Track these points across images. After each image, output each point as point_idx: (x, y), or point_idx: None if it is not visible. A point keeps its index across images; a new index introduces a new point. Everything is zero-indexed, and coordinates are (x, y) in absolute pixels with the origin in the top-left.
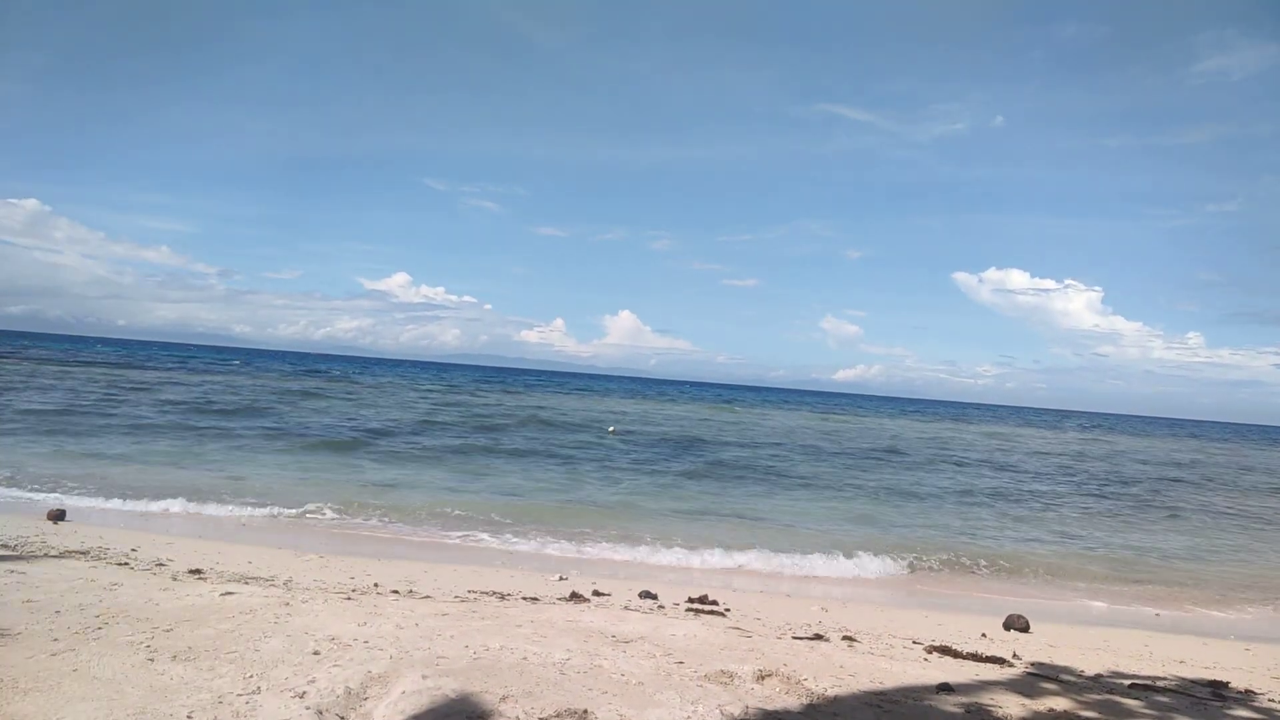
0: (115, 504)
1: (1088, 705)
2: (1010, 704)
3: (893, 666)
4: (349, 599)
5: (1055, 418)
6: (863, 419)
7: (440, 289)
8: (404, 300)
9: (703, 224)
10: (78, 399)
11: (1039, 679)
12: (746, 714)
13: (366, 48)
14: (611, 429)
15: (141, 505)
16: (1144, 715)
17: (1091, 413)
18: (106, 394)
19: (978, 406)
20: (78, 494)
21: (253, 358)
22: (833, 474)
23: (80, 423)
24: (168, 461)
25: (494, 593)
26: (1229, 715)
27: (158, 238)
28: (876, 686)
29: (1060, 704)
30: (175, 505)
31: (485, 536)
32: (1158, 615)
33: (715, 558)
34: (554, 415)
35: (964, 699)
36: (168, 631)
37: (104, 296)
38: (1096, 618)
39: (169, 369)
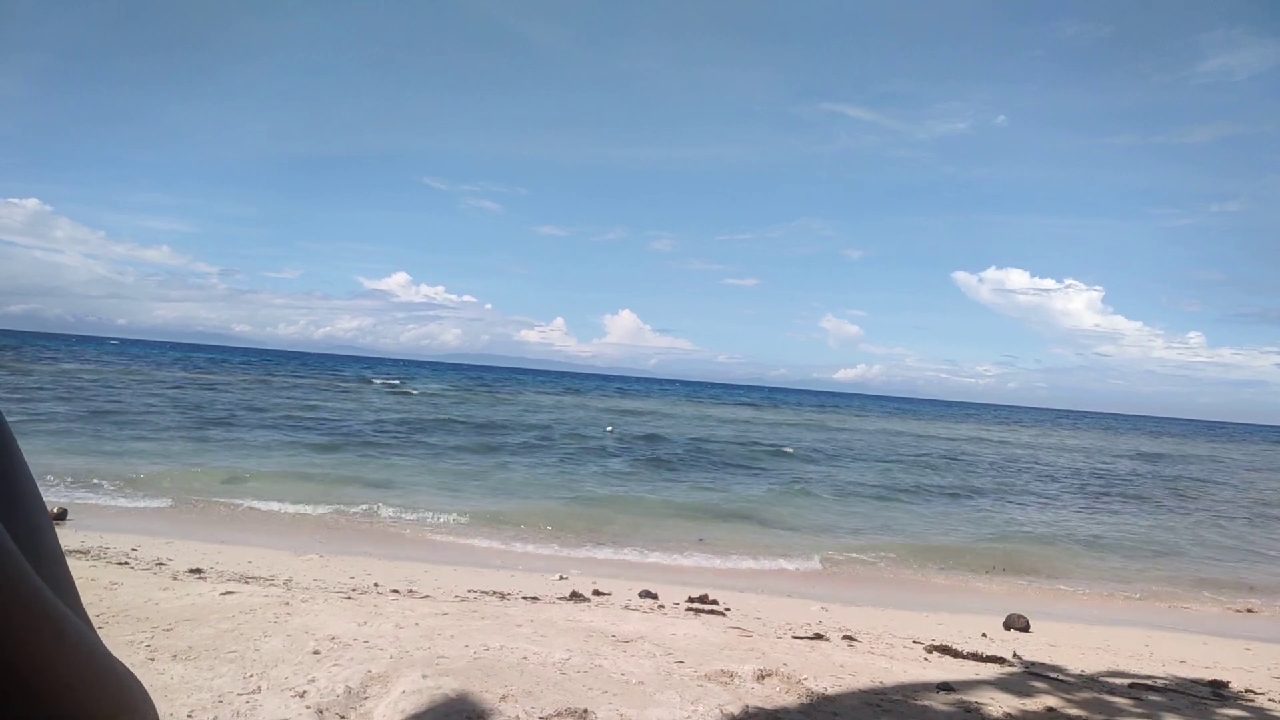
0: (117, 503)
1: (1084, 705)
2: (1008, 703)
3: (893, 666)
4: (349, 598)
5: (1055, 416)
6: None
7: (440, 288)
8: (404, 300)
9: (703, 223)
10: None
11: (1037, 679)
12: (747, 713)
13: (367, 48)
14: (610, 428)
15: (143, 503)
16: (1139, 715)
17: (1095, 413)
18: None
19: (995, 407)
20: (81, 492)
21: (258, 356)
22: (846, 475)
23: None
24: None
25: (494, 592)
26: (1227, 715)
27: (158, 237)
28: (876, 686)
29: (1057, 703)
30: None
31: (484, 535)
32: (1158, 614)
33: (716, 557)
34: (552, 414)
35: (963, 698)
36: (168, 631)
37: (105, 296)
38: (1097, 617)
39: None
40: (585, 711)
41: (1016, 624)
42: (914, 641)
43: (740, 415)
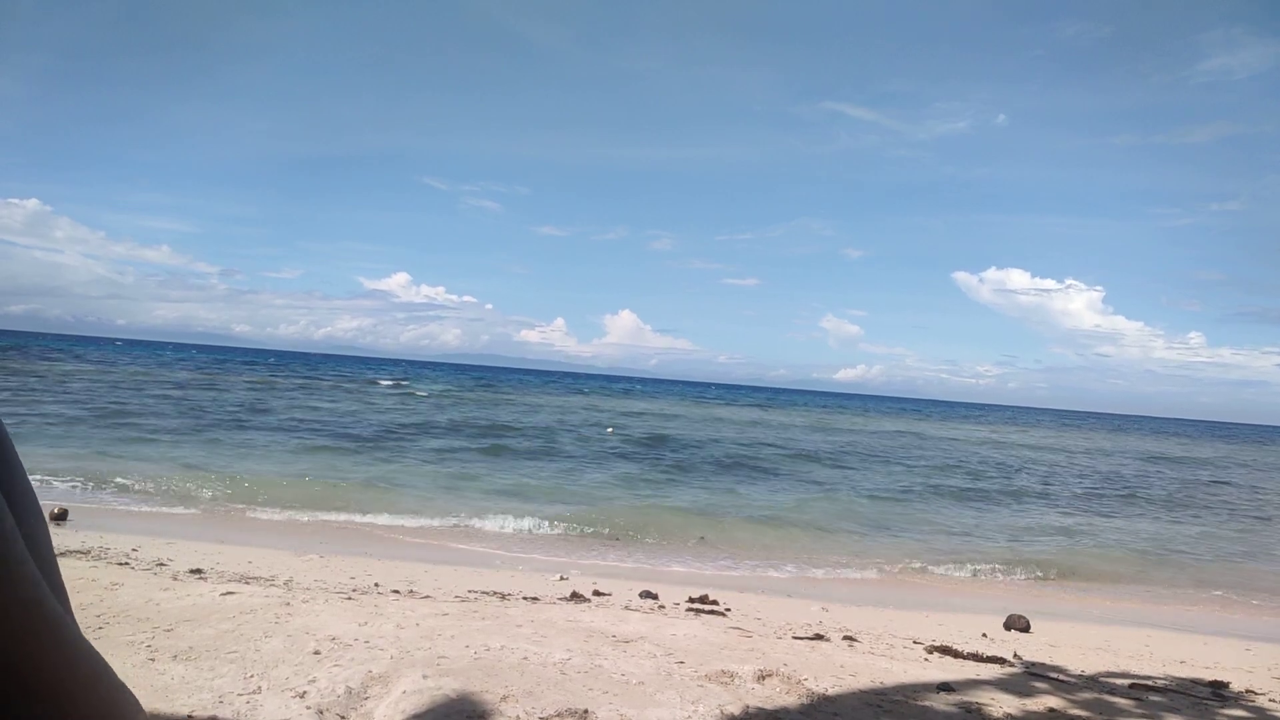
0: (118, 504)
1: (1084, 705)
2: (1008, 704)
3: (893, 666)
4: (349, 599)
5: (1058, 417)
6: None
7: (441, 288)
8: (405, 300)
9: (703, 223)
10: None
11: (1038, 679)
12: (747, 714)
13: (367, 48)
14: (610, 429)
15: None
16: (1140, 715)
17: (1096, 414)
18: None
19: (997, 408)
20: (82, 493)
21: (260, 356)
22: (844, 475)
23: None
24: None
25: (494, 593)
26: (1228, 715)
27: (158, 237)
28: (877, 686)
29: (1057, 703)
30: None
31: (485, 536)
32: (1158, 614)
33: (716, 559)
34: (553, 415)
35: (963, 698)
36: (168, 631)
37: (105, 296)
38: (1097, 617)
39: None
40: (585, 712)
41: (1017, 624)
42: (914, 642)
43: (743, 416)
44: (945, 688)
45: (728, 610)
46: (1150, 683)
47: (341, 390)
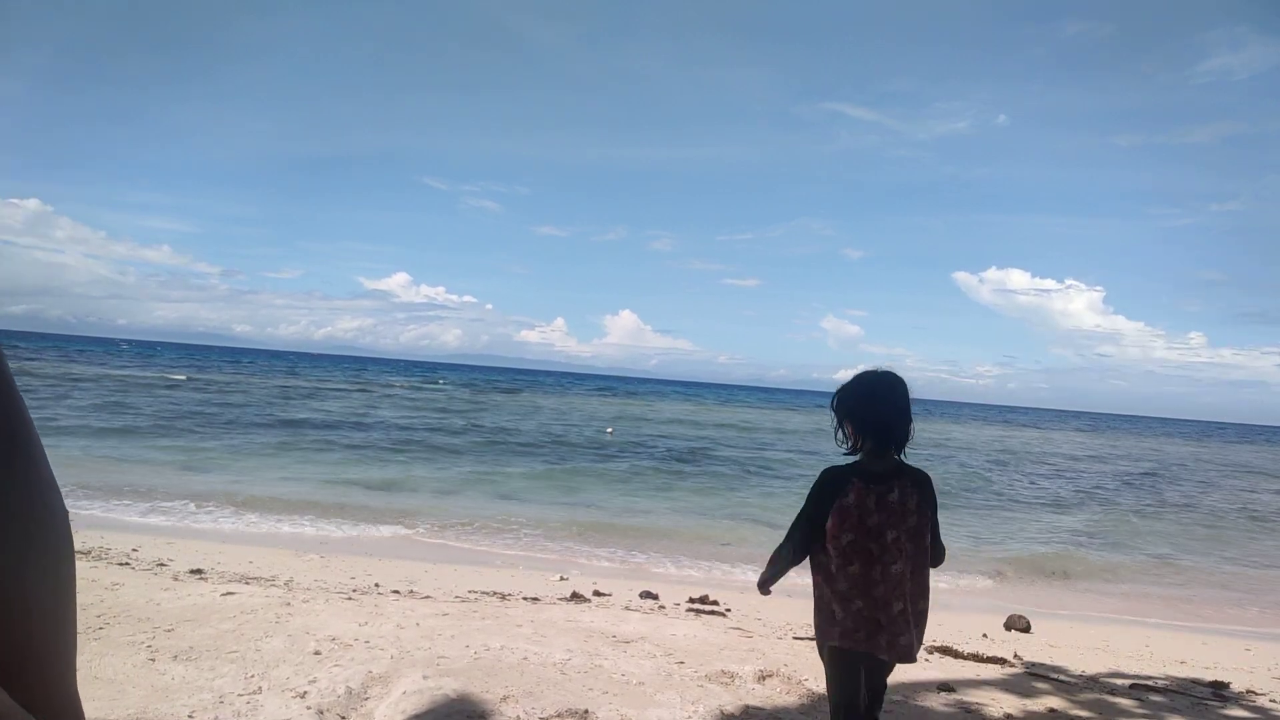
0: (119, 504)
1: (1085, 705)
2: (1009, 704)
3: None
4: (350, 599)
5: (1062, 418)
6: None
7: (441, 288)
8: (405, 300)
9: (703, 223)
10: None
11: (1039, 679)
12: (747, 714)
13: (366, 47)
14: (610, 429)
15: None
16: (1141, 715)
17: (1098, 414)
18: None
19: (1001, 408)
20: (84, 494)
21: (263, 357)
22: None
23: None
24: None
25: (494, 593)
26: (1229, 716)
27: (159, 237)
28: None
29: (1058, 704)
30: None
31: (485, 536)
32: (1158, 614)
33: (716, 559)
34: (554, 416)
35: (963, 698)
36: (169, 631)
37: (106, 296)
38: (1097, 617)
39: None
40: (586, 712)
41: (1017, 624)
42: None
43: (746, 417)
44: (945, 688)
45: (728, 610)
46: (1151, 683)
47: (345, 391)
